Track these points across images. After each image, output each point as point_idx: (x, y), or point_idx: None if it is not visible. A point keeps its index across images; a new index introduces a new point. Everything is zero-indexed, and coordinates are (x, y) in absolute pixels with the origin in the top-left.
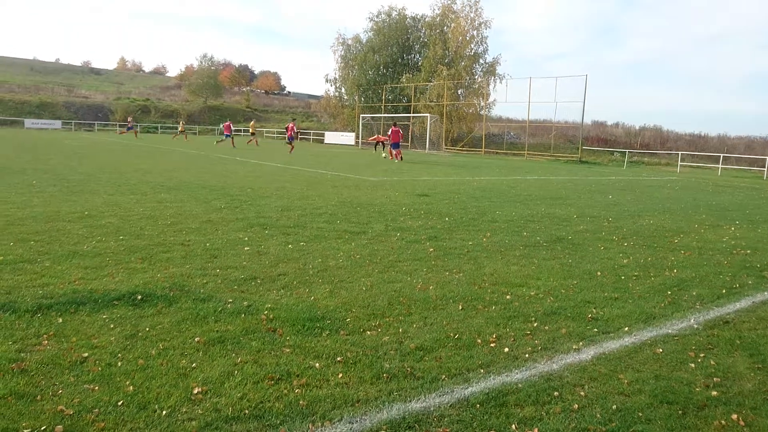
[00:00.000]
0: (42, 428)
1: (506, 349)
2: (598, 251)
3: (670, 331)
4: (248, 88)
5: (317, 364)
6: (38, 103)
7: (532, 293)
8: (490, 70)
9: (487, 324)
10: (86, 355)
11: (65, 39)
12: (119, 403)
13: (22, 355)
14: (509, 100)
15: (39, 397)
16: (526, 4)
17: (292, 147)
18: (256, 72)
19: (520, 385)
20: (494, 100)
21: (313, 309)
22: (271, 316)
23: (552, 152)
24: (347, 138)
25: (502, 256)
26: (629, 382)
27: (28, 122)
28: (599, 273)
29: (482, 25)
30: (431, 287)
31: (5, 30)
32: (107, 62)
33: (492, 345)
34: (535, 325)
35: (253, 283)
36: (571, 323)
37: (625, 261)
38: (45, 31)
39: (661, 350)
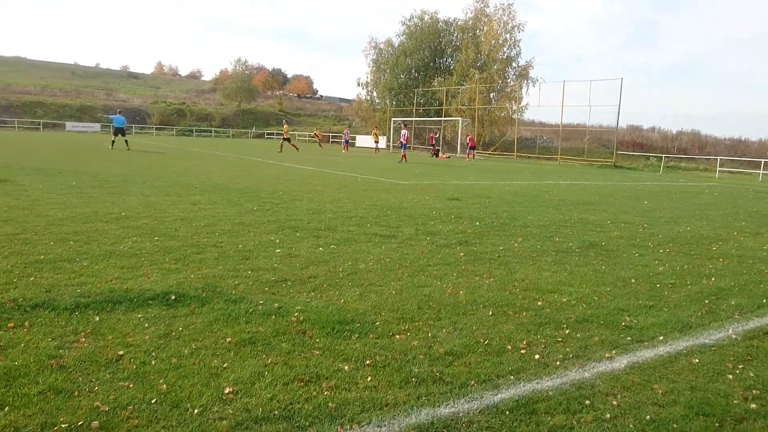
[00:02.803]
0: (79, 423)
1: (537, 356)
2: (633, 258)
3: (707, 341)
4: (281, 91)
5: (346, 367)
6: (79, 106)
7: (564, 300)
8: (523, 74)
9: (518, 330)
10: (122, 353)
11: (105, 44)
12: (153, 401)
13: (61, 351)
14: (542, 104)
15: (76, 393)
16: (560, 7)
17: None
18: (289, 76)
19: (550, 393)
20: (527, 104)
21: (342, 312)
22: (301, 318)
23: (585, 156)
24: (382, 141)
25: (533, 261)
26: (664, 392)
27: (69, 125)
28: (633, 280)
29: (515, 29)
30: (461, 292)
31: (49, 36)
32: (145, 67)
33: (522, 351)
34: (567, 332)
35: (283, 285)
36: (603, 331)
37: (660, 268)
38: (85, 36)
39: (697, 361)
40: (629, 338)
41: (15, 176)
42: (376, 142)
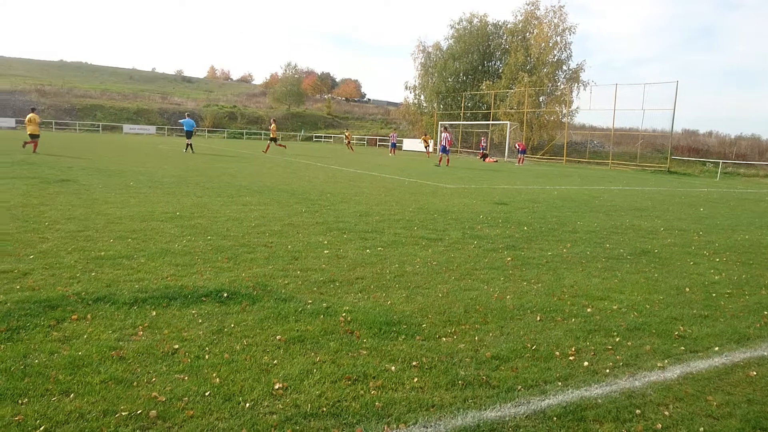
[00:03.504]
0: (138, 412)
1: (585, 363)
2: (687, 266)
3: (765, 353)
4: (329, 95)
5: (393, 368)
6: (136, 109)
7: (615, 307)
8: (574, 77)
9: (566, 336)
10: (177, 346)
11: (161, 49)
12: (206, 394)
13: (121, 343)
14: (593, 108)
15: (135, 384)
16: (612, 8)
17: (444, 158)
18: (337, 79)
19: (599, 401)
20: (577, 108)
21: (389, 313)
22: (348, 318)
23: (638, 162)
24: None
25: (582, 267)
26: (719, 404)
27: (127, 128)
28: (688, 289)
29: (566, 31)
30: (508, 297)
31: (109, 42)
32: (198, 71)
33: (571, 358)
34: (617, 340)
35: (331, 286)
36: (655, 340)
37: (716, 277)
38: (143, 42)
39: (755, 373)
40: (683, 348)
41: (77, 176)
42: (427, 146)
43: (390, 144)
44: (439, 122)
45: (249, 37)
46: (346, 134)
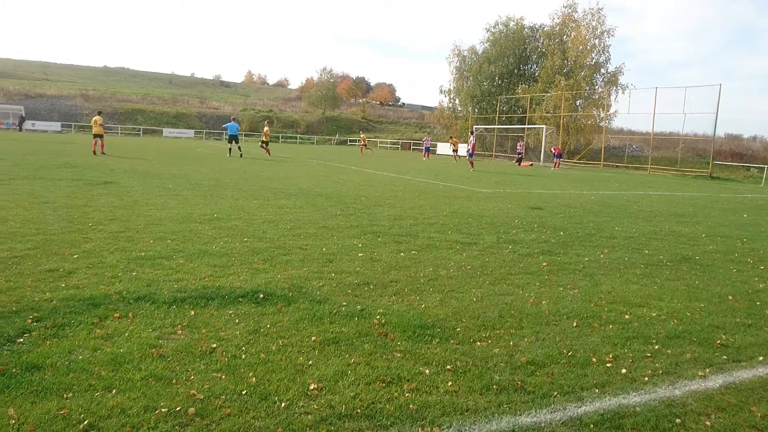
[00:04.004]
0: (177, 409)
1: (623, 371)
2: (730, 274)
3: None
4: (364, 99)
5: (427, 371)
6: (175, 113)
7: (654, 314)
8: (612, 80)
9: (603, 343)
10: (214, 346)
11: (199, 55)
12: (243, 393)
13: (160, 342)
14: (632, 111)
15: (174, 381)
16: (652, 10)
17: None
18: (372, 84)
19: (638, 409)
20: (615, 112)
21: (423, 316)
22: (383, 320)
23: (679, 167)
24: (460, 149)
25: (620, 274)
26: (763, 415)
27: (166, 131)
28: (731, 297)
29: (605, 34)
30: (544, 302)
31: (150, 48)
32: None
33: (608, 365)
34: (657, 347)
35: (366, 288)
36: (696, 348)
37: (761, 285)
38: (182, 48)
39: None
40: (725, 357)
41: (119, 179)
42: (455, 150)
43: (424, 148)
44: (474, 126)
45: (285, 42)
46: (362, 136)
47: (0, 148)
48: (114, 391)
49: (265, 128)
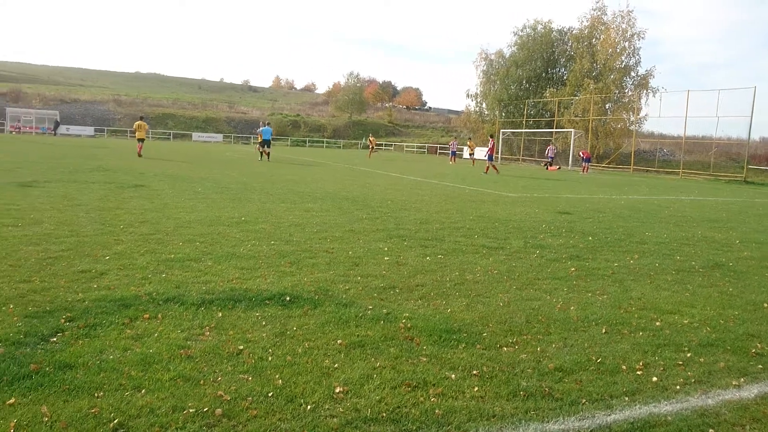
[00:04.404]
0: (204, 410)
1: (654, 378)
2: (765, 281)
3: None
4: (391, 103)
5: (453, 375)
6: (204, 118)
7: (686, 321)
8: (642, 83)
9: (633, 350)
10: (241, 347)
11: (228, 60)
12: (269, 395)
13: (189, 342)
14: (663, 115)
15: (202, 382)
16: (683, 12)
17: (489, 166)
18: (398, 88)
19: (669, 418)
20: (646, 115)
21: (449, 321)
22: (408, 324)
23: (711, 171)
24: (477, 153)
25: (651, 280)
26: None
27: (195, 135)
28: (766, 305)
29: (635, 36)
30: (572, 308)
31: (180, 54)
32: (264, 81)
33: (638, 372)
34: (689, 355)
35: (391, 292)
36: (730, 357)
37: None
38: (212, 54)
39: None
40: (760, 366)
41: (150, 182)
42: (472, 153)
43: (450, 152)
44: (501, 130)
45: (313, 47)
46: (370, 139)
47: (36, 152)
48: (143, 390)
49: (259, 130)
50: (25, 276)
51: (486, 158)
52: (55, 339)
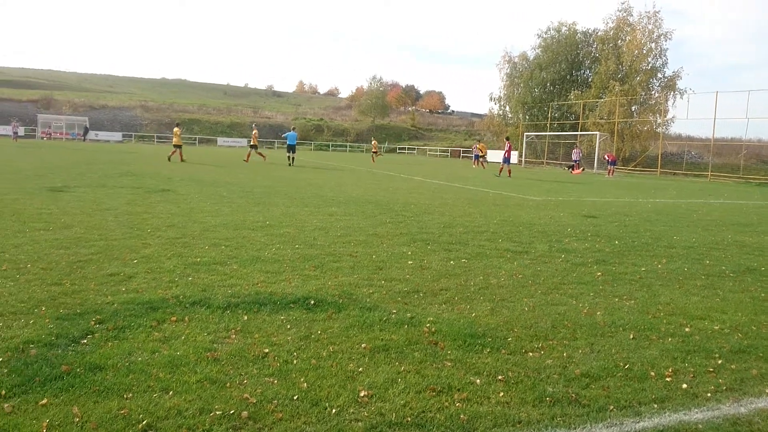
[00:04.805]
0: (231, 412)
1: (684, 386)
2: None
3: None
4: (413, 107)
5: (478, 381)
6: (229, 123)
7: (716, 327)
8: (669, 85)
9: (662, 356)
10: (267, 350)
11: (253, 66)
12: (294, 398)
13: (215, 345)
14: (690, 117)
15: (228, 384)
16: (712, 12)
17: (505, 169)
18: (421, 92)
19: (700, 426)
20: (673, 117)
21: (474, 325)
22: (432, 329)
23: (741, 174)
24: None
25: (680, 285)
26: None
27: (221, 140)
28: None
29: (661, 37)
30: (599, 313)
31: (205, 60)
32: (287, 86)
33: (667, 379)
34: (720, 362)
35: (415, 296)
36: (763, 364)
37: None
38: (236, 59)
39: None
40: None
41: (176, 186)
42: (482, 156)
43: (473, 155)
44: (524, 133)
45: (336, 51)
46: (373, 143)
47: (66, 157)
48: (171, 392)
49: (254, 131)
50: (57, 279)
51: (502, 161)
52: (85, 341)
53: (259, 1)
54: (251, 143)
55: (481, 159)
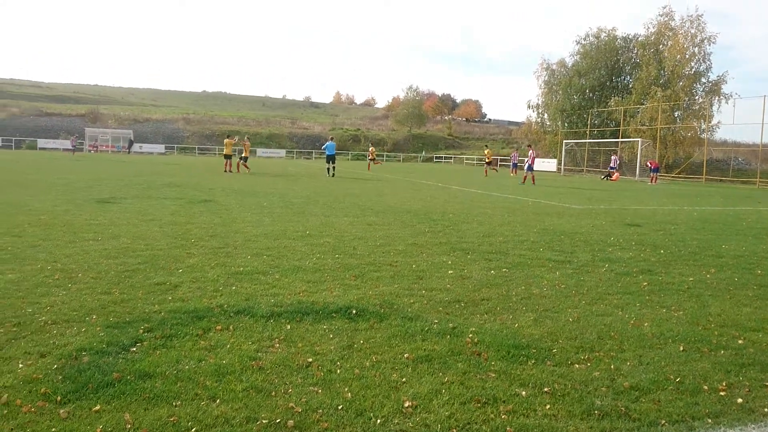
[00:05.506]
0: (277, 421)
1: (739, 400)
2: None
3: None
4: (450, 116)
5: (523, 392)
6: (268, 134)
7: None
8: (714, 89)
9: (715, 369)
10: (310, 360)
11: (291, 78)
12: (339, 407)
13: (259, 354)
14: (736, 122)
15: (273, 393)
16: (758, 14)
17: (529, 177)
18: (458, 100)
19: None
20: (718, 123)
21: (517, 336)
22: (475, 339)
23: None
24: (549, 165)
25: (730, 295)
26: None
27: (260, 151)
28: None
29: (705, 41)
30: (646, 324)
31: (244, 73)
32: (325, 96)
33: (721, 393)
34: None
35: (457, 306)
36: None
37: None
38: (275, 72)
39: None
40: None
41: (217, 197)
42: (489, 162)
43: (511, 164)
44: (564, 140)
45: (372, 62)
46: (370, 150)
47: (112, 170)
48: (218, 401)
49: (246, 142)
50: (106, 288)
51: (525, 168)
52: (134, 349)
53: (297, 15)
54: (243, 154)
55: (486, 166)
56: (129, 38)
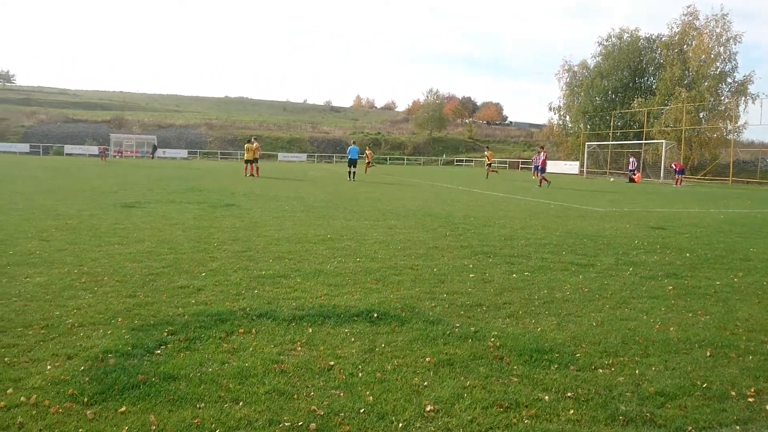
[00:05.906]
0: (299, 424)
1: None
2: None
3: None
4: (470, 119)
5: (546, 397)
6: (289, 138)
7: None
8: (740, 90)
9: (743, 375)
10: (332, 363)
11: (311, 82)
12: (361, 411)
13: (282, 357)
14: (765, 122)
15: (295, 396)
16: None
17: (541, 179)
18: (478, 103)
19: None
20: (745, 123)
21: (540, 340)
22: (497, 343)
23: None
24: (571, 167)
25: (759, 299)
26: None
27: (281, 156)
28: None
29: (730, 41)
30: (671, 328)
31: (266, 78)
32: (345, 101)
33: (750, 400)
34: None
35: (478, 310)
36: None
37: None
38: (296, 77)
39: None
40: None
41: (240, 201)
42: (489, 164)
43: (533, 167)
44: (586, 143)
45: (392, 65)
46: (367, 153)
47: (137, 174)
48: (241, 403)
49: (255, 144)
50: (131, 291)
51: (537, 170)
52: (159, 351)
53: (318, 21)
54: (253, 157)
55: (488, 168)
56: (154, 46)
